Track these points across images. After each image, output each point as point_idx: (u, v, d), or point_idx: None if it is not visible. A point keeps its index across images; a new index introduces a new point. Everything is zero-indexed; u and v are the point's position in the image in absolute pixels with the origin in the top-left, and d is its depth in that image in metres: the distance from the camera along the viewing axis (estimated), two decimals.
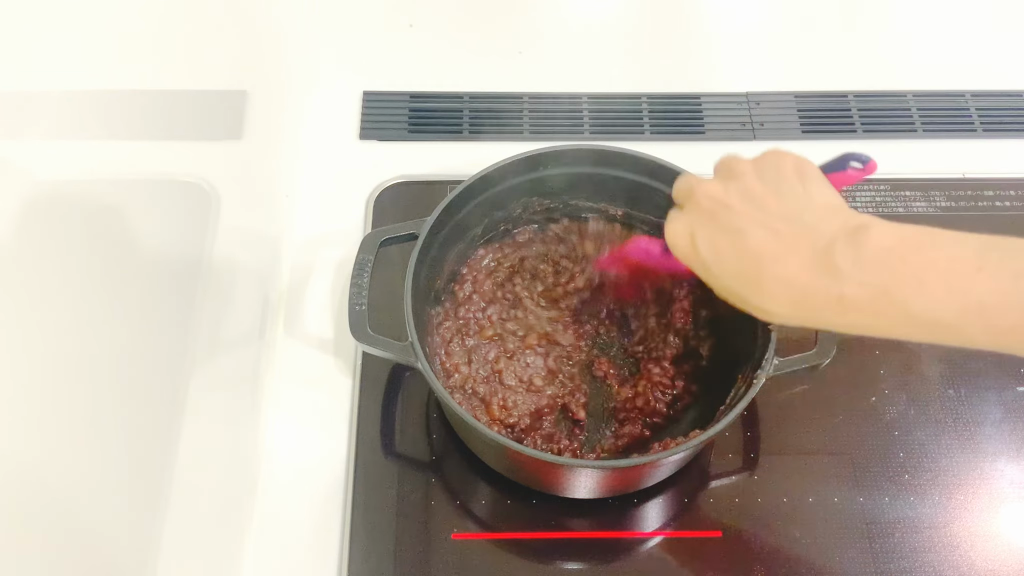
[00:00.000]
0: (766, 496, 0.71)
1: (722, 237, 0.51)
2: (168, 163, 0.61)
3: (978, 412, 0.75)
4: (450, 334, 0.74)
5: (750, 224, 0.50)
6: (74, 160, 0.49)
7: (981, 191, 0.87)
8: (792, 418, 0.74)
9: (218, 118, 0.70)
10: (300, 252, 0.82)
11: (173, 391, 0.58)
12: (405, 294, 0.65)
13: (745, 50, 0.99)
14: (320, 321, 0.79)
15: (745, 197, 0.51)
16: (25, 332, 0.43)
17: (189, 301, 0.62)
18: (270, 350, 0.76)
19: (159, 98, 0.59)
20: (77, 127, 0.49)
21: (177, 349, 0.59)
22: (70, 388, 0.46)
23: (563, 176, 0.76)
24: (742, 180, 0.52)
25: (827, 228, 0.49)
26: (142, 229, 0.55)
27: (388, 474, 0.71)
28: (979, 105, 0.94)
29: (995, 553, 0.68)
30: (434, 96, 0.93)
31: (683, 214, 0.54)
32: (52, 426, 0.44)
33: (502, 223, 0.78)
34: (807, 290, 0.48)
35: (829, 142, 0.91)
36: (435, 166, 0.88)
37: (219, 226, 0.66)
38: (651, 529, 0.70)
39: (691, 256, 0.53)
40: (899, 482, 0.71)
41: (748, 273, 0.50)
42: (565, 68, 0.96)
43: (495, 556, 0.68)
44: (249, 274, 0.75)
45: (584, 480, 0.66)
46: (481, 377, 0.72)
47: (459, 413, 0.62)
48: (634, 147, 0.74)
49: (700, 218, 0.52)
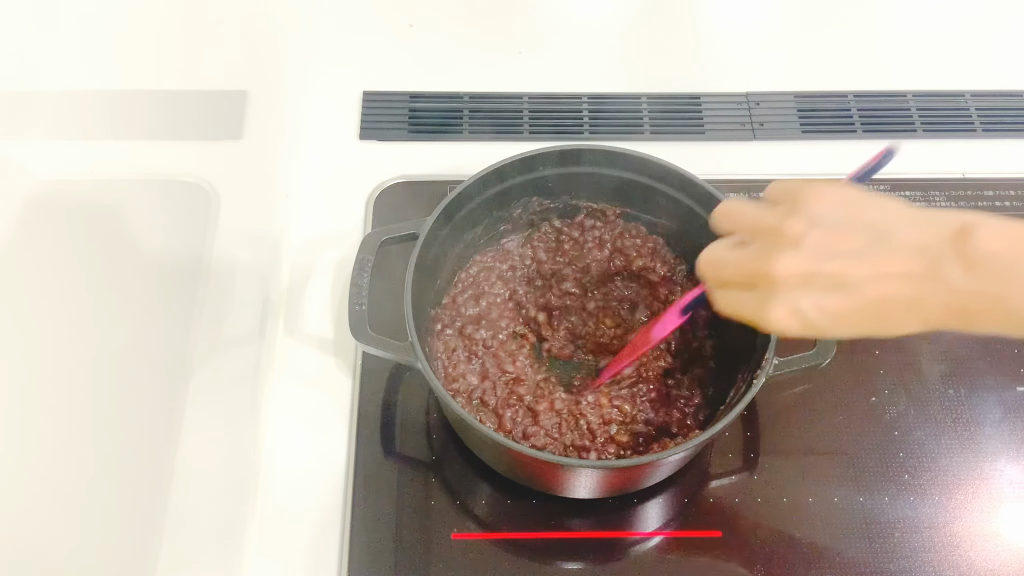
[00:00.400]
0: (766, 496, 0.71)
1: (830, 300, 0.48)
2: (168, 163, 0.61)
3: (978, 412, 0.75)
4: (451, 335, 0.74)
5: (849, 273, 0.48)
6: (74, 160, 0.49)
7: (981, 191, 0.87)
8: (792, 418, 0.74)
9: (218, 118, 0.70)
10: (300, 252, 0.82)
11: (173, 391, 0.58)
12: (405, 294, 0.65)
13: (745, 50, 0.99)
14: (320, 321, 0.79)
15: (822, 251, 0.48)
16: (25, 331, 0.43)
17: (189, 301, 0.62)
18: (270, 350, 0.76)
19: (159, 98, 0.60)
20: (77, 127, 0.49)
21: (177, 349, 0.60)
22: (70, 387, 0.46)
23: (563, 176, 0.76)
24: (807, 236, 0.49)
25: (921, 241, 0.47)
26: (142, 229, 0.55)
27: (388, 474, 0.71)
28: (979, 105, 0.94)
29: (995, 553, 0.68)
30: (434, 96, 0.93)
31: (770, 296, 0.49)
32: (52, 425, 0.44)
33: (502, 223, 0.78)
34: (933, 310, 0.47)
35: (829, 142, 0.91)
36: (435, 166, 0.88)
37: (219, 226, 0.66)
38: (651, 529, 0.70)
39: (807, 331, 0.49)
40: (899, 482, 0.71)
41: (875, 319, 0.48)
42: (565, 68, 0.96)
43: (495, 556, 0.68)
44: (249, 274, 0.75)
45: (584, 480, 0.66)
46: (488, 386, 0.72)
47: (459, 413, 0.62)
48: (634, 147, 0.74)
49: (793, 293, 0.49)
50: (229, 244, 0.67)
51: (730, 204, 0.54)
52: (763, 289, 0.50)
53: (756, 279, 0.50)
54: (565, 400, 0.71)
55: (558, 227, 0.79)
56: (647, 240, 0.79)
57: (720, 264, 0.53)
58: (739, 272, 0.52)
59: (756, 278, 0.50)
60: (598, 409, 0.70)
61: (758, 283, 0.50)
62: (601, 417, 0.70)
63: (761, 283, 0.50)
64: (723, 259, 0.53)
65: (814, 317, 0.49)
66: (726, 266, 0.53)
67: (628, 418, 0.70)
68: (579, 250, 0.78)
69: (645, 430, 0.70)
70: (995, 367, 0.77)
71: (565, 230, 0.79)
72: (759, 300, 0.50)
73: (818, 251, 0.48)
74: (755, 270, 0.50)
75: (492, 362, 0.73)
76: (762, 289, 0.50)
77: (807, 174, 0.88)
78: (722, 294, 0.53)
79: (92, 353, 0.48)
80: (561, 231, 0.79)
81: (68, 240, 0.47)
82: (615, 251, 0.78)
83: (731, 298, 0.53)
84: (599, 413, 0.70)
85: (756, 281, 0.50)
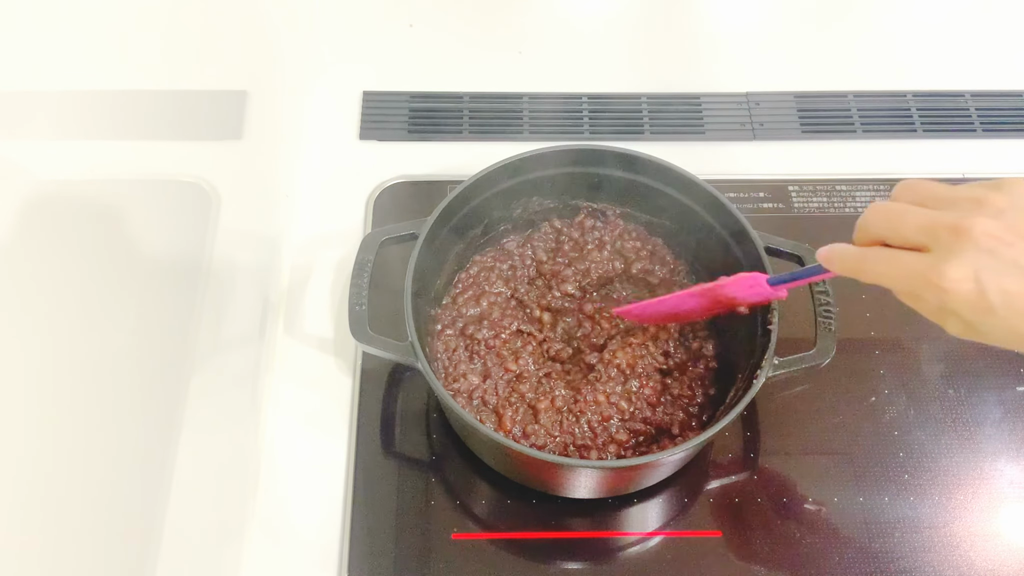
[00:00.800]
0: (766, 496, 0.71)
1: (1012, 280, 0.46)
2: (168, 163, 0.61)
3: (978, 412, 0.75)
4: (451, 335, 0.74)
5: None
6: (74, 160, 0.49)
7: None
8: (792, 418, 0.74)
9: (218, 118, 0.70)
10: (300, 252, 0.82)
11: (173, 391, 0.58)
12: (405, 294, 0.66)
13: (745, 50, 0.99)
14: (320, 321, 0.79)
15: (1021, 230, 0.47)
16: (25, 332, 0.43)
17: (189, 301, 0.62)
18: (270, 350, 0.76)
19: (159, 98, 0.60)
20: (77, 127, 0.49)
21: (177, 349, 0.60)
22: (70, 387, 0.46)
23: (563, 176, 0.76)
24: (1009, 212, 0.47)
25: None
26: (142, 229, 0.55)
27: (388, 474, 0.71)
28: (979, 105, 0.94)
29: (995, 553, 0.68)
30: (434, 96, 0.93)
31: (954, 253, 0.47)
32: (52, 425, 0.44)
33: (502, 223, 0.78)
34: None
35: (829, 142, 0.91)
36: (435, 166, 0.88)
37: (219, 226, 0.66)
38: (651, 529, 0.70)
39: (976, 302, 0.47)
40: (899, 482, 0.71)
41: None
42: (565, 68, 0.96)
43: (495, 556, 0.68)
44: (249, 274, 0.75)
45: (584, 480, 0.66)
46: (489, 385, 0.72)
47: (459, 413, 0.62)
48: (634, 147, 0.74)
49: (981, 255, 0.47)
50: (229, 244, 0.67)
51: (917, 180, 0.52)
52: (947, 246, 0.47)
53: (943, 233, 0.48)
54: (566, 398, 0.71)
55: (558, 227, 0.79)
56: (647, 242, 0.79)
57: (901, 214, 0.50)
58: (924, 223, 0.49)
59: (944, 231, 0.48)
60: (597, 408, 0.70)
61: (942, 239, 0.48)
62: (601, 415, 0.70)
63: (947, 239, 0.47)
64: (906, 210, 0.50)
65: (991, 288, 0.46)
66: (909, 216, 0.50)
67: (627, 417, 0.70)
68: (579, 251, 0.78)
69: (645, 430, 0.70)
70: (995, 367, 0.77)
71: (565, 230, 0.79)
72: (934, 259, 0.48)
73: (1016, 229, 0.47)
74: (947, 222, 0.48)
75: (493, 361, 0.73)
76: (945, 246, 0.47)
77: (807, 174, 0.88)
78: (878, 254, 0.51)
79: (92, 353, 0.48)
80: (561, 231, 0.79)
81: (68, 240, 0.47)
82: (615, 253, 0.78)
83: (891, 259, 0.50)
84: (599, 411, 0.70)
85: (940, 237, 0.48)
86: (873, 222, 0.51)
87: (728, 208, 0.71)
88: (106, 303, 0.50)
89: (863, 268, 0.51)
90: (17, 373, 0.42)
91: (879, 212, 0.51)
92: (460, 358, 0.73)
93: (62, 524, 0.45)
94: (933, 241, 0.48)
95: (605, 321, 0.75)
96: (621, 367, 0.72)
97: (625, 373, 0.72)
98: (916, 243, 0.49)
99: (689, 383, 0.72)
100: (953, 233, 0.47)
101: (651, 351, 0.73)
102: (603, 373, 0.72)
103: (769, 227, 0.72)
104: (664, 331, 0.74)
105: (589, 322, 0.75)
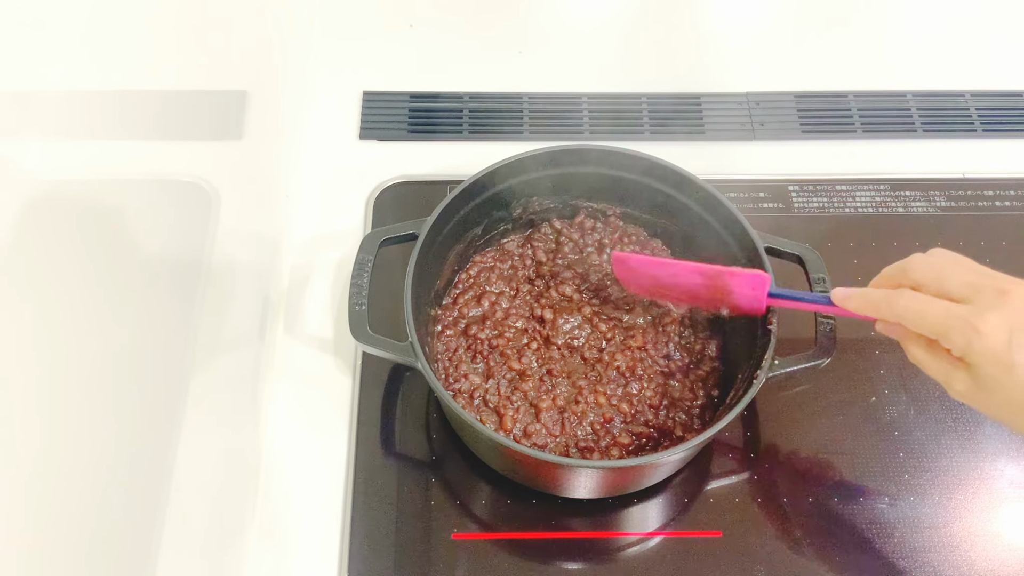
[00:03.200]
0: (766, 496, 0.71)
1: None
2: (168, 163, 0.61)
3: (978, 412, 0.74)
4: (451, 335, 0.74)
5: None
6: (74, 160, 0.49)
7: (981, 191, 0.87)
8: (792, 418, 0.74)
9: (218, 118, 0.70)
10: (300, 252, 0.82)
11: (173, 391, 0.58)
12: (405, 294, 0.66)
13: (745, 50, 0.99)
14: (320, 321, 0.79)
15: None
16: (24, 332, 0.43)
17: (189, 301, 0.62)
18: (270, 350, 0.76)
19: (159, 98, 0.59)
20: (77, 127, 0.49)
21: (177, 349, 0.59)
22: (70, 388, 0.46)
23: (563, 176, 0.76)
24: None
25: None
26: (142, 229, 0.55)
27: (388, 474, 0.71)
28: (979, 105, 0.94)
29: (995, 553, 0.68)
30: (434, 96, 0.93)
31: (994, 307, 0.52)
32: (52, 426, 0.44)
33: (502, 223, 0.78)
34: None
35: (829, 142, 0.91)
36: (435, 166, 0.88)
37: (219, 226, 0.66)
38: (651, 529, 0.70)
39: (1002, 354, 0.51)
40: (899, 482, 0.71)
41: None
42: (565, 68, 0.96)
43: (495, 556, 0.68)
44: (249, 274, 0.75)
45: (584, 480, 0.66)
46: (490, 385, 0.72)
47: (460, 413, 0.62)
48: (634, 147, 0.74)
49: (1020, 320, 0.51)
50: (229, 244, 0.67)
51: None
52: (990, 301, 0.52)
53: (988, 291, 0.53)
54: (567, 397, 0.71)
55: (558, 228, 0.79)
56: (646, 244, 0.79)
57: (950, 266, 0.55)
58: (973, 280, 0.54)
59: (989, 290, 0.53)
60: (599, 409, 0.70)
61: (985, 295, 0.53)
62: (602, 416, 0.70)
63: (991, 296, 0.52)
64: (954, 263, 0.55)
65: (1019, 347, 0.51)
66: (958, 269, 0.55)
67: (629, 418, 0.70)
68: (579, 253, 0.78)
69: (648, 432, 0.70)
70: None
71: (565, 231, 0.79)
72: (976, 308, 0.52)
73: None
74: (993, 283, 0.53)
75: (495, 360, 0.73)
76: (988, 300, 0.52)
77: (807, 174, 0.88)
78: (912, 294, 0.55)
79: (92, 353, 0.48)
80: (561, 232, 0.79)
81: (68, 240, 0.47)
82: None
83: (928, 299, 0.54)
84: (600, 413, 0.70)
85: (984, 293, 0.53)
86: (919, 268, 0.56)
87: (728, 208, 0.71)
88: (106, 303, 0.50)
89: (894, 304, 0.56)
90: (17, 373, 0.42)
91: (925, 260, 0.56)
92: (461, 358, 0.73)
93: (62, 524, 0.45)
94: (976, 295, 0.53)
95: (604, 324, 0.75)
96: (621, 369, 0.72)
97: (625, 376, 0.72)
98: (958, 295, 0.54)
99: (691, 385, 0.72)
100: (999, 293, 0.52)
101: (651, 354, 0.73)
102: (603, 375, 0.72)
103: (769, 227, 0.72)
104: (664, 333, 0.74)
105: (588, 324, 0.75)
